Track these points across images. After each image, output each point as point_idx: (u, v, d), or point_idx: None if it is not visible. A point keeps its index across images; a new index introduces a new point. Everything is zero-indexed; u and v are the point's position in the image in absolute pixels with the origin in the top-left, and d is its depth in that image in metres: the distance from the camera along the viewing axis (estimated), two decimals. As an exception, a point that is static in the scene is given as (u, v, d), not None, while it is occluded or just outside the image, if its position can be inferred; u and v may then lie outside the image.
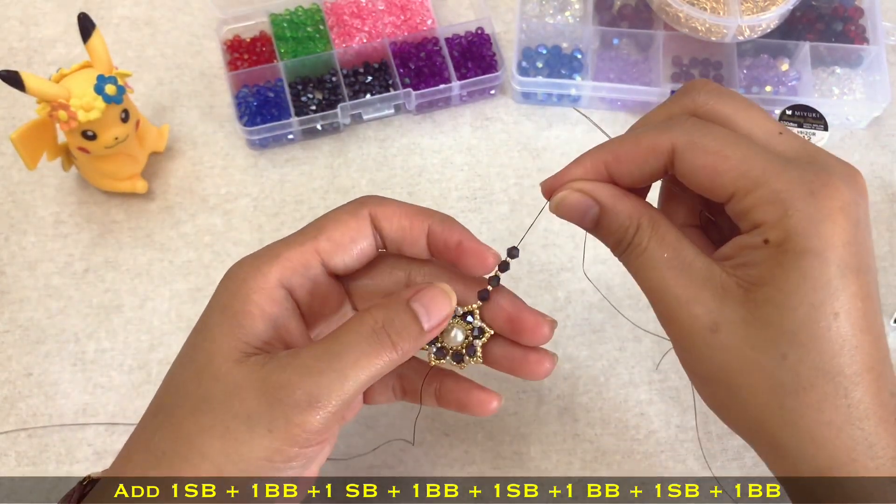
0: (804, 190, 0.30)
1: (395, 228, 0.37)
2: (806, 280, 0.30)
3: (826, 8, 0.66)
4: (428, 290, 0.35)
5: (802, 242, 0.30)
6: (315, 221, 0.37)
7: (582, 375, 0.55)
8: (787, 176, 0.30)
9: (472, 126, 0.64)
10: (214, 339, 0.34)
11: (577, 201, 0.34)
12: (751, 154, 0.31)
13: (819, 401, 0.30)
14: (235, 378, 0.33)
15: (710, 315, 0.31)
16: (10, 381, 0.55)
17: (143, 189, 0.60)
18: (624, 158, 0.34)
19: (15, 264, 0.59)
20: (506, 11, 0.69)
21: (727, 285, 0.31)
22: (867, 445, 0.30)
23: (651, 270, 0.33)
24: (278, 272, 0.35)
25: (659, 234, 0.33)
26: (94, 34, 0.53)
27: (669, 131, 0.32)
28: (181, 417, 0.33)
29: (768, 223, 0.30)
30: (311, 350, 0.33)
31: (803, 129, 0.59)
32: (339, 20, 0.66)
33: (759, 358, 0.31)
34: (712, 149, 0.31)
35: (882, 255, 0.59)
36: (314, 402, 0.32)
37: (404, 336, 0.34)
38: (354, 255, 0.37)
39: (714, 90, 0.34)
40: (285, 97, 0.62)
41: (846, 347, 0.30)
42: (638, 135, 0.34)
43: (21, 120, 0.63)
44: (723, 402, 0.33)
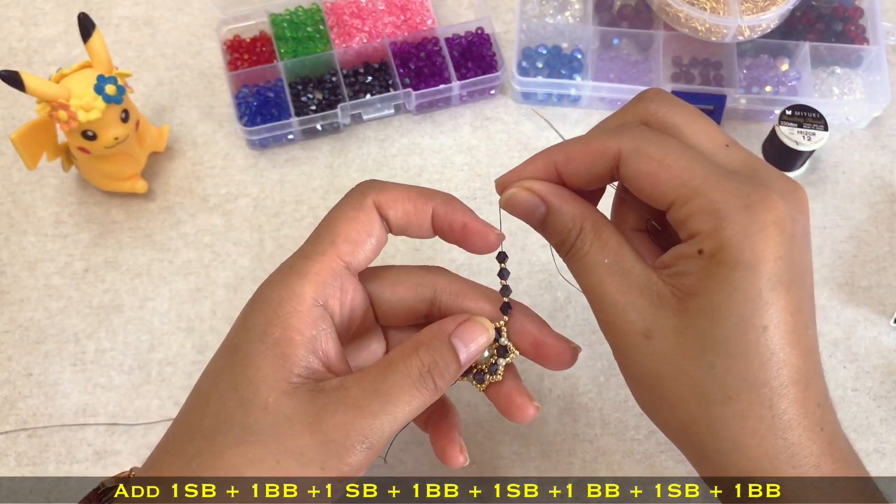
0: (740, 202, 0.30)
1: (400, 214, 0.37)
2: (736, 292, 0.30)
3: (826, 8, 0.66)
4: (468, 325, 0.35)
5: (735, 254, 0.30)
6: (326, 224, 0.36)
7: (582, 375, 0.55)
8: (725, 187, 0.31)
9: (472, 126, 0.64)
10: (258, 367, 0.33)
11: (524, 199, 0.35)
12: (692, 164, 0.32)
13: (743, 410, 0.31)
14: (285, 411, 0.32)
15: (644, 322, 0.32)
16: (10, 381, 0.55)
17: (143, 189, 0.60)
18: (573, 159, 0.35)
19: (15, 264, 0.59)
20: (506, 11, 0.69)
21: (662, 294, 0.32)
22: (789, 454, 0.31)
23: (591, 274, 0.34)
24: (312, 290, 0.34)
25: (601, 239, 0.34)
26: (94, 34, 0.53)
27: (618, 137, 0.33)
28: (224, 447, 0.32)
29: (703, 233, 0.31)
30: (361, 386, 0.33)
31: (803, 128, 0.59)
32: (339, 20, 0.66)
33: (688, 366, 0.31)
34: (656, 157, 0.32)
35: (882, 255, 0.59)
36: (367, 445, 0.33)
37: (446, 377, 0.34)
38: (371, 249, 0.37)
39: (666, 100, 0.35)
40: (285, 97, 0.62)
41: (773, 360, 0.30)
42: (588, 138, 0.35)
43: (21, 120, 0.63)
44: (653, 404, 0.34)
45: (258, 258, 0.59)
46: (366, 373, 0.34)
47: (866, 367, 0.56)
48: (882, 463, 0.53)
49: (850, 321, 0.57)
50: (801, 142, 0.59)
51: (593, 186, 0.36)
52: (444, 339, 0.35)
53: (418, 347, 0.34)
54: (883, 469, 0.53)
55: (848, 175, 0.63)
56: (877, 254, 0.60)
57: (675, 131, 0.34)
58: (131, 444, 0.53)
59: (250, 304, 0.35)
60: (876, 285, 0.58)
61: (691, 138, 0.34)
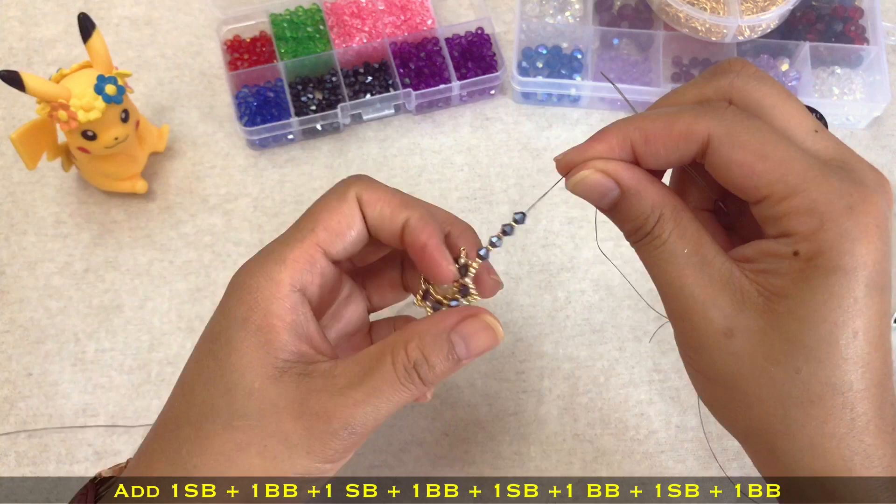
0: (843, 203, 0.29)
1: (376, 215, 0.36)
2: (833, 298, 0.29)
3: (826, 8, 0.66)
4: (472, 323, 0.34)
5: (836, 259, 0.29)
6: (307, 213, 0.36)
7: (582, 375, 0.55)
8: (826, 186, 0.29)
9: (472, 126, 0.64)
10: (243, 354, 0.33)
11: (597, 182, 0.32)
12: (790, 157, 0.29)
13: (825, 414, 0.30)
14: (271, 396, 0.33)
15: (726, 320, 0.31)
16: (10, 381, 0.55)
17: (143, 189, 0.60)
18: (654, 140, 0.31)
19: (15, 264, 0.59)
20: (506, 11, 0.69)
21: (746, 291, 0.31)
22: (864, 456, 0.30)
23: (669, 265, 0.32)
24: (289, 276, 0.34)
25: (681, 227, 0.32)
26: (94, 34, 0.53)
27: (707, 118, 0.30)
28: (211, 433, 0.33)
29: (801, 234, 0.29)
30: (348, 375, 0.33)
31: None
32: (339, 20, 0.66)
33: (772, 369, 0.30)
34: (752, 146, 0.30)
35: (882, 255, 0.59)
36: (351, 432, 0.33)
37: (436, 372, 0.34)
38: (350, 241, 0.36)
39: (754, 74, 0.32)
40: (285, 97, 0.62)
41: (860, 364, 0.29)
42: (671, 115, 0.31)
43: (21, 120, 0.63)
44: (724, 403, 0.33)
45: (258, 258, 0.59)
46: (357, 360, 0.34)
47: (866, 367, 0.56)
48: (882, 463, 0.53)
49: (850, 321, 0.57)
50: (801, 142, 0.59)
51: (668, 167, 0.34)
52: (442, 335, 0.34)
53: (409, 341, 0.34)
54: (883, 469, 0.53)
55: (848, 175, 0.63)
56: (877, 254, 0.59)
57: (763, 113, 0.31)
58: (131, 445, 0.53)
59: (229, 291, 0.35)
60: (876, 285, 0.58)
61: (780, 121, 0.31)
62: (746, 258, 0.31)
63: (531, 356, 0.56)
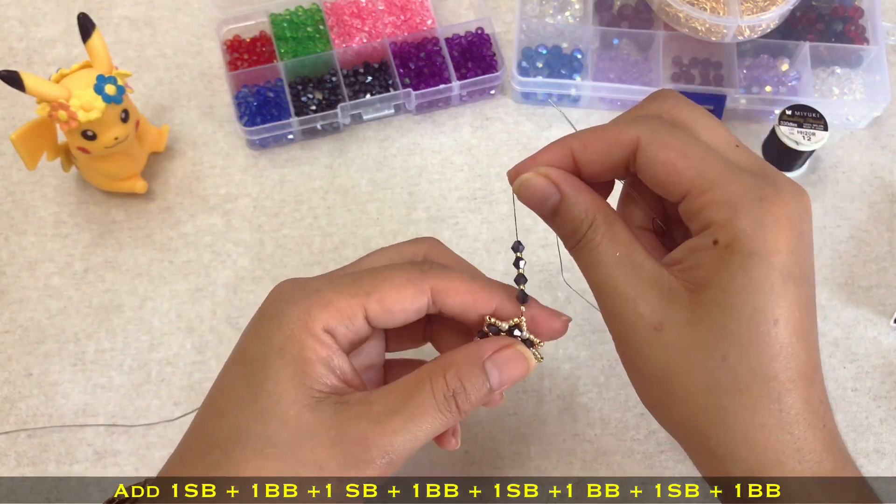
0: (754, 195, 0.31)
1: (457, 304, 0.36)
2: (750, 282, 0.31)
3: (826, 8, 0.67)
4: (506, 352, 0.35)
5: (749, 244, 0.31)
6: (372, 271, 0.36)
7: (582, 375, 0.55)
8: (740, 181, 0.31)
9: (472, 126, 0.64)
10: (279, 381, 0.33)
11: (539, 185, 0.35)
12: (709, 156, 0.32)
13: (754, 403, 0.31)
14: (307, 424, 0.33)
15: (655, 315, 0.32)
16: (10, 381, 0.55)
17: (142, 189, 0.60)
18: (590, 147, 0.34)
19: (15, 264, 0.59)
20: (506, 11, 0.69)
21: (674, 287, 0.32)
22: (795, 449, 0.31)
23: (601, 266, 0.34)
24: (325, 319, 0.34)
25: (613, 231, 0.34)
26: (93, 34, 0.53)
27: (636, 125, 0.34)
28: (242, 459, 0.32)
29: (717, 223, 0.31)
30: (385, 403, 0.34)
31: (803, 128, 0.59)
32: (339, 20, 0.66)
33: (701, 358, 0.31)
34: (674, 146, 0.33)
35: (882, 255, 0.59)
36: (388, 462, 0.33)
37: (472, 401, 0.34)
38: (397, 322, 0.36)
39: (680, 99, 0.35)
40: (285, 97, 0.62)
41: (783, 353, 0.31)
42: (605, 127, 0.35)
43: (21, 120, 0.63)
44: (660, 400, 0.34)
45: (258, 258, 0.59)
46: (392, 388, 0.34)
47: (866, 368, 0.56)
48: (882, 463, 0.53)
49: (850, 321, 0.57)
50: (801, 142, 0.59)
51: (607, 177, 0.36)
52: (477, 364, 0.34)
53: (447, 369, 0.34)
54: (883, 469, 0.53)
55: (848, 175, 0.63)
56: (877, 254, 0.60)
57: (689, 128, 0.34)
58: (131, 445, 0.53)
59: (268, 313, 0.35)
60: (876, 285, 0.58)
61: (704, 136, 0.34)
62: (675, 260, 0.33)
63: (531, 356, 0.56)
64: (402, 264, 0.37)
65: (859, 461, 0.53)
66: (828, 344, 0.56)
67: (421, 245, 0.39)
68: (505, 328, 0.37)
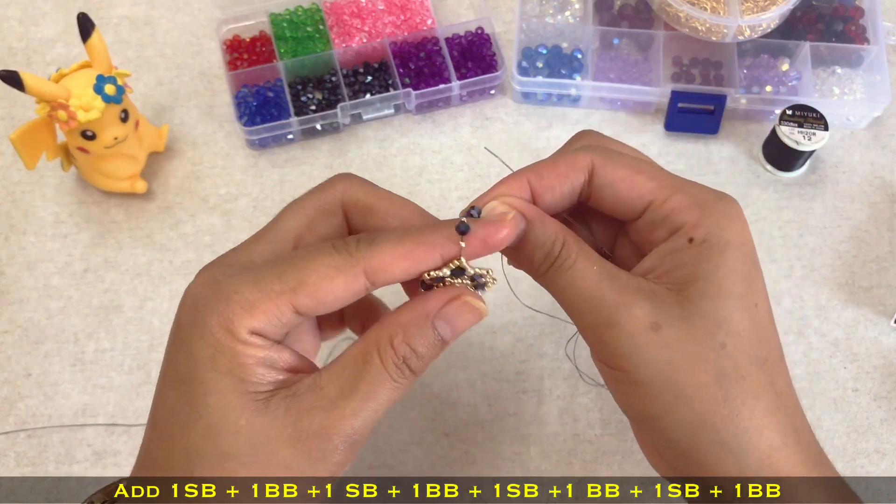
0: (713, 196, 0.34)
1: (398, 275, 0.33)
2: (732, 271, 0.33)
3: (826, 8, 0.66)
4: (453, 305, 0.33)
5: (724, 236, 0.33)
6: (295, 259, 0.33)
7: (582, 376, 0.55)
8: (695, 187, 0.35)
9: (472, 126, 0.64)
10: (220, 394, 0.31)
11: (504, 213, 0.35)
12: (659, 171, 0.35)
13: (756, 388, 0.32)
14: (260, 429, 0.31)
15: (650, 315, 0.32)
16: (10, 381, 0.55)
17: (142, 189, 0.60)
18: (546, 176, 0.35)
19: (14, 264, 0.59)
20: (506, 11, 0.69)
21: (657, 291, 0.33)
22: (794, 429, 0.33)
23: (583, 280, 0.34)
24: (250, 324, 0.32)
25: (584, 249, 0.34)
26: (93, 34, 0.53)
27: (587, 151, 0.35)
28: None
29: (689, 223, 0.33)
30: (337, 385, 0.32)
31: (804, 128, 0.59)
32: (339, 20, 0.66)
33: (701, 350, 0.32)
34: (627, 163, 0.35)
35: (882, 255, 0.59)
36: (351, 443, 0.32)
37: (426, 361, 0.33)
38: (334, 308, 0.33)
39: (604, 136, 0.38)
40: (285, 97, 0.62)
41: (766, 335, 0.33)
42: (557, 156, 0.36)
43: (21, 120, 0.63)
44: (667, 405, 0.32)
45: (258, 258, 0.59)
46: (341, 366, 0.33)
47: (867, 368, 0.56)
48: (882, 463, 0.53)
49: (851, 321, 0.57)
50: (802, 142, 0.59)
51: (563, 205, 0.36)
52: (425, 323, 0.33)
53: (394, 335, 0.32)
54: (883, 469, 0.53)
55: (848, 175, 0.63)
56: (877, 254, 0.60)
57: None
58: (131, 445, 0.53)
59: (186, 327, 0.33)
60: (876, 285, 0.58)
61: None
62: (648, 269, 0.34)
63: (531, 356, 0.56)
64: (327, 248, 0.33)
65: (860, 461, 0.53)
66: (828, 344, 0.56)
67: (335, 189, 0.36)
68: (448, 274, 0.33)
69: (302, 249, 0.34)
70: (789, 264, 0.59)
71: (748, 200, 0.61)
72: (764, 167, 0.62)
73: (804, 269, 0.59)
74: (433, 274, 0.33)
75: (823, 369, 0.56)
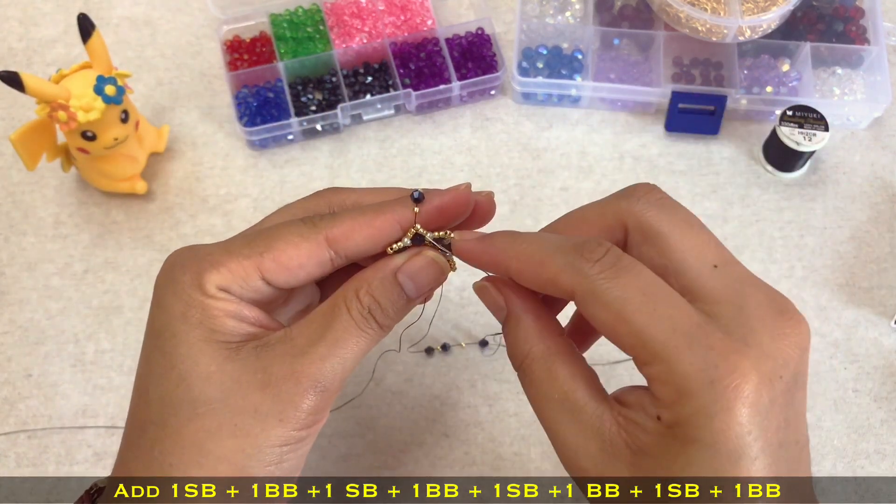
0: (703, 378, 0.28)
1: (360, 245, 0.35)
2: (691, 467, 0.28)
3: (827, 8, 0.66)
4: (415, 260, 0.35)
5: (692, 433, 0.28)
6: (266, 231, 0.35)
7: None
8: (687, 359, 0.28)
9: (473, 126, 0.64)
10: (191, 344, 0.33)
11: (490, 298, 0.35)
12: (652, 323, 0.29)
13: None
14: (231, 374, 0.32)
15: (596, 469, 0.31)
16: (10, 381, 0.55)
17: (142, 190, 0.60)
18: (525, 277, 0.33)
19: (14, 265, 0.59)
20: (506, 11, 0.69)
21: (615, 442, 0.31)
22: None
23: (541, 405, 0.32)
24: (218, 280, 0.33)
25: (552, 370, 0.32)
26: (93, 35, 0.52)
27: (571, 272, 0.30)
28: (178, 427, 0.32)
29: (662, 401, 0.29)
30: (306, 334, 0.33)
31: (804, 129, 0.59)
32: (339, 20, 0.66)
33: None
34: (612, 306, 0.29)
35: (882, 255, 0.59)
36: (321, 389, 0.33)
37: (392, 316, 0.34)
38: (301, 278, 0.35)
39: (657, 201, 0.32)
40: (285, 97, 0.62)
41: None
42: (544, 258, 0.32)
43: (21, 120, 0.63)
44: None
45: (258, 259, 0.59)
46: (311, 319, 0.34)
47: (867, 368, 0.56)
48: (883, 464, 0.53)
49: (851, 322, 0.57)
50: (802, 142, 0.59)
51: None
52: (389, 277, 0.34)
53: (359, 288, 0.34)
54: (884, 470, 0.53)
55: (849, 175, 0.63)
56: (877, 254, 0.59)
57: (659, 240, 0.31)
58: (131, 445, 0.53)
59: (161, 284, 0.34)
60: (877, 286, 0.58)
61: (675, 253, 0.31)
62: (625, 402, 0.31)
63: (531, 357, 0.56)
64: (294, 221, 0.35)
65: (860, 462, 0.53)
66: (828, 345, 0.56)
67: (322, 198, 0.38)
68: (409, 242, 0.35)
69: (273, 225, 0.36)
70: (790, 265, 0.59)
71: (748, 201, 0.61)
72: (764, 168, 0.62)
73: (804, 270, 0.59)
74: (396, 246, 0.35)
75: (824, 370, 0.55)
